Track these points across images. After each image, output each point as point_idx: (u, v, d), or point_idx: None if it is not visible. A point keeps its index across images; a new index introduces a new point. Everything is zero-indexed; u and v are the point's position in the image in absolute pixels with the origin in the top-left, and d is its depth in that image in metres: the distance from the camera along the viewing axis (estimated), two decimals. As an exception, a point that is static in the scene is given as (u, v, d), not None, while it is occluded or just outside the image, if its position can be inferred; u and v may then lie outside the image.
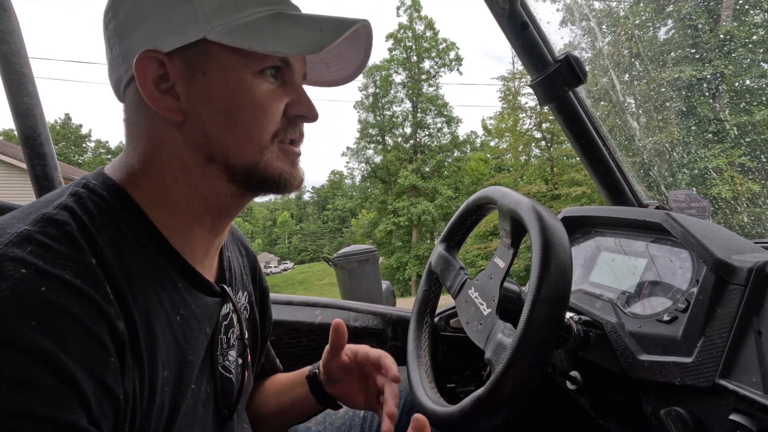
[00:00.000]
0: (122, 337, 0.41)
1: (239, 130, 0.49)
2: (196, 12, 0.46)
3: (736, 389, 0.54)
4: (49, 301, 0.36)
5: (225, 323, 0.59)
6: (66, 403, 0.35)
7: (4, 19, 0.95)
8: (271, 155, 0.51)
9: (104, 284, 0.41)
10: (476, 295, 0.72)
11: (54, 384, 0.35)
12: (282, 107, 0.51)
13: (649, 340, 0.68)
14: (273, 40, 0.47)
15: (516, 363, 0.53)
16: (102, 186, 0.48)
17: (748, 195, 5.09)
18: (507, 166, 19.98)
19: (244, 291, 0.68)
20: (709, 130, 6.31)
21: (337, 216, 38.32)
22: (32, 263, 0.37)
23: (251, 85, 0.49)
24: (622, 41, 6.66)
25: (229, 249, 0.67)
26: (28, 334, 0.34)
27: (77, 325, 0.37)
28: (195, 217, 0.52)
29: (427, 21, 24.05)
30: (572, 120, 0.97)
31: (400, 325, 1.16)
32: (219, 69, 0.48)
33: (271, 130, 0.50)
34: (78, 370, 0.36)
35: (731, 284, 0.60)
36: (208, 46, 0.47)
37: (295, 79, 0.53)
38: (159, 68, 0.47)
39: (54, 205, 0.43)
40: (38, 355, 0.34)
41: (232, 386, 0.61)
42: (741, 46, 6.32)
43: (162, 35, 0.46)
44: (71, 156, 34.05)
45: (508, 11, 0.90)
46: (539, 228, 0.59)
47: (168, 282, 0.49)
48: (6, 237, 0.39)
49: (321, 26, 0.48)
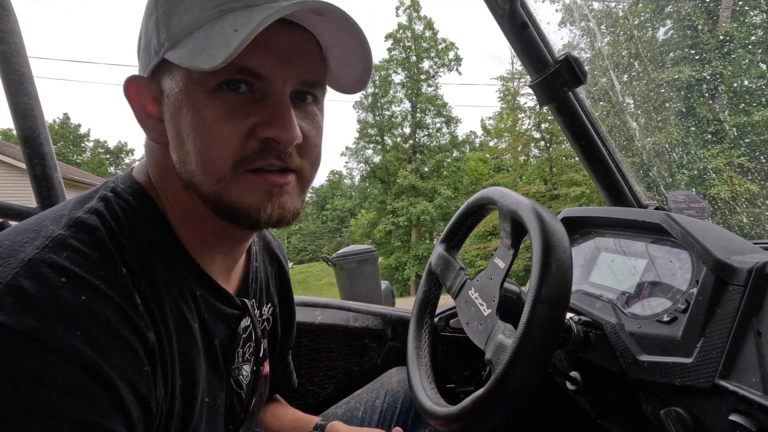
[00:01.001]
0: (152, 347, 0.42)
1: (195, 158, 0.44)
2: (156, 28, 0.44)
3: (736, 390, 0.54)
4: (90, 310, 0.37)
5: (244, 336, 0.58)
6: (108, 411, 0.36)
7: (4, 19, 0.95)
8: (236, 187, 0.44)
9: (134, 295, 0.41)
10: (476, 296, 0.72)
11: (99, 392, 0.36)
12: (243, 129, 0.43)
13: (648, 340, 0.68)
14: (198, 51, 0.40)
15: (516, 363, 0.53)
16: (129, 190, 0.48)
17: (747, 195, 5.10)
18: (506, 166, 19.99)
19: (269, 303, 0.67)
20: (708, 130, 6.32)
21: (336, 216, 38.32)
22: (71, 270, 0.38)
23: (202, 106, 0.43)
24: (621, 42, 6.67)
25: (258, 259, 0.64)
26: (75, 344, 0.35)
27: (114, 334, 0.38)
28: (203, 236, 0.51)
29: (426, 21, 24.06)
30: (572, 120, 0.97)
31: (400, 325, 1.16)
32: (178, 89, 0.44)
33: (228, 157, 0.43)
34: (117, 379, 0.37)
35: (731, 285, 0.60)
36: (170, 66, 0.44)
37: (275, 92, 0.44)
38: (146, 92, 0.47)
39: (85, 209, 0.44)
40: (84, 364, 0.35)
41: (241, 401, 0.60)
42: (740, 46, 6.33)
43: (145, 59, 0.47)
44: (70, 156, 33.98)
45: (507, 12, 0.90)
46: (539, 229, 0.59)
47: (187, 291, 0.48)
48: (41, 240, 0.39)
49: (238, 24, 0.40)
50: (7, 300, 0.34)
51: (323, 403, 1.09)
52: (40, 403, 0.33)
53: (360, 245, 4.63)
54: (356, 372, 1.14)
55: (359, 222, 26.63)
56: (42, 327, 0.34)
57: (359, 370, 1.14)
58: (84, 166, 32.37)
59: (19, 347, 0.33)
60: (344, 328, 1.12)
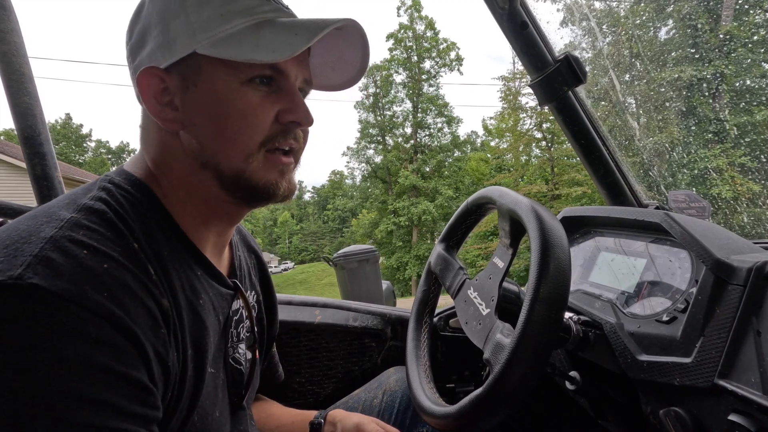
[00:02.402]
0: (167, 312, 0.46)
1: (226, 138, 0.51)
2: (187, 28, 0.49)
3: (735, 389, 0.54)
4: (113, 276, 0.41)
5: (235, 318, 0.62)
6: (135, 363, 0.41)
7: (4, 19, 0.95)
8: (257, 163, 0.52)
9: (147, 266, 0.46)
10: (475, 295, 0.72)
11: (126, 345, 0.40)
12: (272, 114, 0.52)
13: (648, 340, 0.68)
14: (250, 48, 0.48)
15: (515, 363, 0.53)
16: (126, 181, 0.52)
17: (748, 195, 5.09)
18: (507, 166, 19.97)
19: (252, 290, 0.70)
20: (709, 130, 6.31)
21: (337, 216, 38.32)
22: (90, 244, 0.42)
23: (237, 94, 0.50)
24: (622, 41, 6.66)
25: (239, 248, 0.70)
26: (104, 302, 0.39)
27: (136, 297, 0.42)
28: (201, 217, 0.56)
29: (427, 21, 24.05)
30: (572, 120, 0.96)
31: (400, 324, 1.16)
32: (208, 80, 0.50)
33: (257, 138, 0.51)
34: (142, 336, 0.41)
35: (730, 284, 0.60)
36: (199, 60, 0.50)
37: (290, 85, 0.54)
38: (159, 83, 0.51)
39: (88, 197, 0.48)
40: (113, 320, 0.39)
41: (243, 377, 0.64)
42: (741, 46, 6.32)
43: (160, 53, 0.50)
44: (72, 156, 34.06)
45: (507, 11, 0.89)
46: (538, 228, 0.59)
47: (189, 269, 0.53)
48: (58, 222, 0.43)
49: (296, 30, 0.49)
50: (39, 267, 0.38)
51: (322, 403, 1.09)
52: (76, 354, 0.37)
53: (361, 245, 4.63)
54: (356, 371, 1.14)
55: (360, 222, 26.64)
56: (74, 289, 0.38)
57: (359, 370, 1.14)
58: (86, 166, 32.45)
59: (55, 305, 0.37)
60: (344, 327, 1.12)
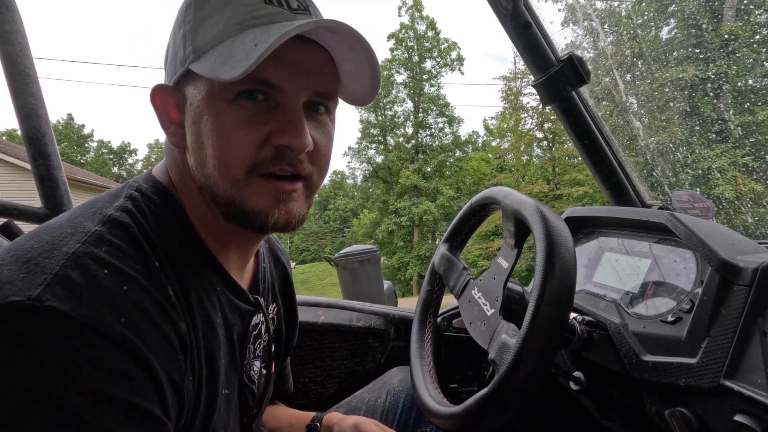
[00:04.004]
0: (184, 336, 0.44)
1: (213, 161, 0.47)
2: (184, 42, 0.48)
3: (741, 390, 0.53)
4: (132, 299, 0.40)
5: (254, 333, 0.60)
6: (148, 394, 0.39)
7: (9, 20, 0.95)
8: (249, 190, 0.47)
9: (167, 287, 0.44)
10: (479, 296, 0.72)
11: (140, 375, 0.39)
12: (259, 136, 0.46)
13: (653, 340, 0.68)
14: (217, 63, 0.44)
15: (520, 363, 0.53)
16: (152, 190, 0.51)
17: (752, 195, 5.07)
18: (509, 166, 19.94)
19: (274, 303, 0.69)
20: (713, 130, 6.29)
21: (338, 216, 38.33)
22: (111, 263, 0.40)
23: (222, 113, 0.46)
24: (624, 41, 6.64)
25: (266, 259, 0.68)
26: (121, 330, 0.38)
27: (153, 323, 0.41)
28: (222, 232, 0.53)
29: (428, 21, 24.03)
30: (575, 120, 0.96)
31: (403, 325, 1.16)
32: (200, 98, 0.47)
33: (243, 162, 0.46)
34: (157, 364, 0.40)
35: (736, 285, 0.59)
36: (194, 76, 0.47)
37: (288, 101, 0.47)
38: (170, 100, 0.50)
39: (114, 207, 0.46)
40: (129, 349, 0.38)
41: (254, 396, 0.62)
42: (744, 45, 6.30)
43: (171, 69, 0.50)
44: (74, 156, 34.14)
45: (510, 11, 0.89)
46: (543, 228, 0.58)
47: (209, 286, 0.51)
48: (80, 236, 0.41)
49: (257, 39, 0.43)
50: (58, 288, 0.36)
51: (326, 403, 1.09)
52: (87, 383, 0.35)
53: (362, 245, 4.64)
54: (359, 372, 1.14)
55: (361, 222, 26.63)
56: (91, 313, 0.37)
57: (362, 370, 1.14)
58: (88, 167, 32.52)
59: (71, 331, 0.35)
60: (347, 327, 1.12)
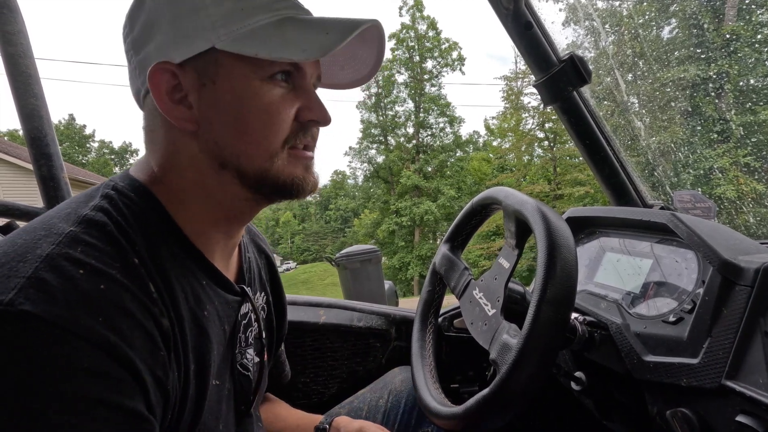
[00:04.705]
0: (167, 332, 0.44)
1: (249, 137, 0.49)
2: (205, 22, 0.47)
3: (743, 390, 0.53)
4: (110, 298, 0.39)
5: (244, 322, 0.61)
6: (131, 392, 0.39)
7: (11, 21, 0.96)
8: (282, 161, 0.51)
9: (148, 284, 0.43)
10: (481, 296, 0.72)
11: (122, 374, 0.38)
12: (293, 112, 0.51)
13: (654, 341, 0.68)
14: (279, 45, 0.47)
15: (522, 364, 0.53)
16: (129, 188, 0.50)
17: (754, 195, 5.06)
18: (510, 166, 19.93)
19: (262, 292, 0.70)
20: (714, 129, 6.28)
21: (339, 216, 38.34)
22: (87, 263, 0.40)
23: (259, 92, 0.48)
24: (626, 41, 6.63)
25: (249, 250, 0.69)
26: (98, 329, 0.37)
27: (133, 320, 0.40)
28: (211, 220, 0.54)
29: (429, 21, 24.02)
30: (576, 120, 0.96)
31: (404, 325, 1.16)
32: (228, 77, 0.48)
33: (281, 136, 0.50)
34: (138, 362, 0.39)
35: (738, 285, 0.59)
36: (217, 55, 0.47)
37: (307, 82, 0.52)
38: (172, 79, 0.48)
39: (89, 206, 0.45)
40: (108, 348, 0.37)
41: (250, 384, 0.63)
42: (746, 45, 6.28)
43: (174, 47, 0.47)
44: (75, 156, 34.21)
45: (512, 11, 0.89)
46: (544, 229, 0.58)
47: (193, 279, 0.51)
48: (54, 237, 0.40)
49: (327, 29, 0.48)
50: (31, 291, 0.36)
51: (327, 403, 1.09)
52: (67, 386, 0.35)
53: (363, 245, 4.64)
54: (360, 372, 1.14)
55: (362, 222, 26.64)
56: (66, 315, 0.36)
57: (363, 370, 1.14)
58: (89, 167, 32.58)
59: (46, 334, 0.35)
60: (348, 327, 1.12)
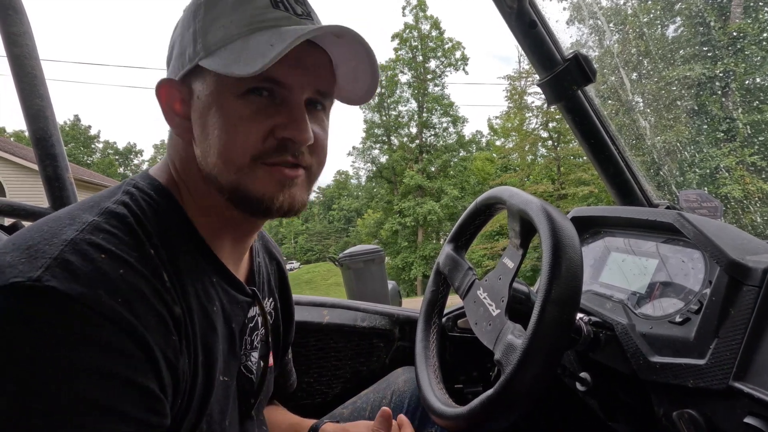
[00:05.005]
0: (179, 319, 0.46)
1: (218, 151, 0.50)
2: (193, 39, 0.50)
3: (751, 392, 0.53)
4: (128, 281, 0.42)
5: (251, 325, 0.61)
6: (144, 370, 0.41)
7: (17, 22, 0.96)
8: (253, 176, 0.50)
9: (162, 273, 0.46)
10: (485, 296, 0.71)
11: (136, 352, 0.40)
12: (264, 129, 0.50)
13: (660, 341, 0.68)
14: (231, 60, 0.47)
15: (526, 364, 0.53)
16: (149, 186, 0.53)
17: (760, 194, 5.02)
18: (513, 165, 19.87)
19: (271, 298, 0.70)
20: (720, 128, 6.23)
21: (342, 216, 38.39)
22: (108, 249, 0.42)
23: (230, 107, 0.49)
24: (631, 39, 6.59)
25: (260, 255, 0.70)
26: (117, 309, 0.40)
27: (148, 304, 0.43)
28: (218, 226, 0.56)
29: (432, 21, 24.00)
30: (581, 119, 0.96)
31: (408, 325, 1.15)
32: (208, 93, 0.50)
33: (248, 152, 0.49)
34: (152, 342, 0.42)
35: (745, 285, 0.59)
36: (203, 72, 0.50)
37: (294, 98, 0.51)
38: (173, 93, 0.53)
39: (112, 200, 0.49)
40: (125, 326, 0.40)
41: (252, 386, 0.63)
42: (752, 43, 6.23)
43: (179, 63, 0.52)
44: (80, 157, 34.45)
45: (516, 10, 0.89)
46: (549, 228, 0.58)
47: (205, 276, 0.53)
48: (78, 225, 0.44)
49: (273, 40, 0.47)
50: (57, 270, 0.39)
51: (331, 403, 1.09)
52: (84, 359, 0.37)
53: (366, 245, 4.64)
54: (364, 372, 1.14)
55: (366, 222, 26.66)
56: (88, 293, 0.39)
57: (367, 370, 1.14)
58: (94, 167, 32.81)
59: (70, 309, 0.38)
60: (352, 327, 1.12)
